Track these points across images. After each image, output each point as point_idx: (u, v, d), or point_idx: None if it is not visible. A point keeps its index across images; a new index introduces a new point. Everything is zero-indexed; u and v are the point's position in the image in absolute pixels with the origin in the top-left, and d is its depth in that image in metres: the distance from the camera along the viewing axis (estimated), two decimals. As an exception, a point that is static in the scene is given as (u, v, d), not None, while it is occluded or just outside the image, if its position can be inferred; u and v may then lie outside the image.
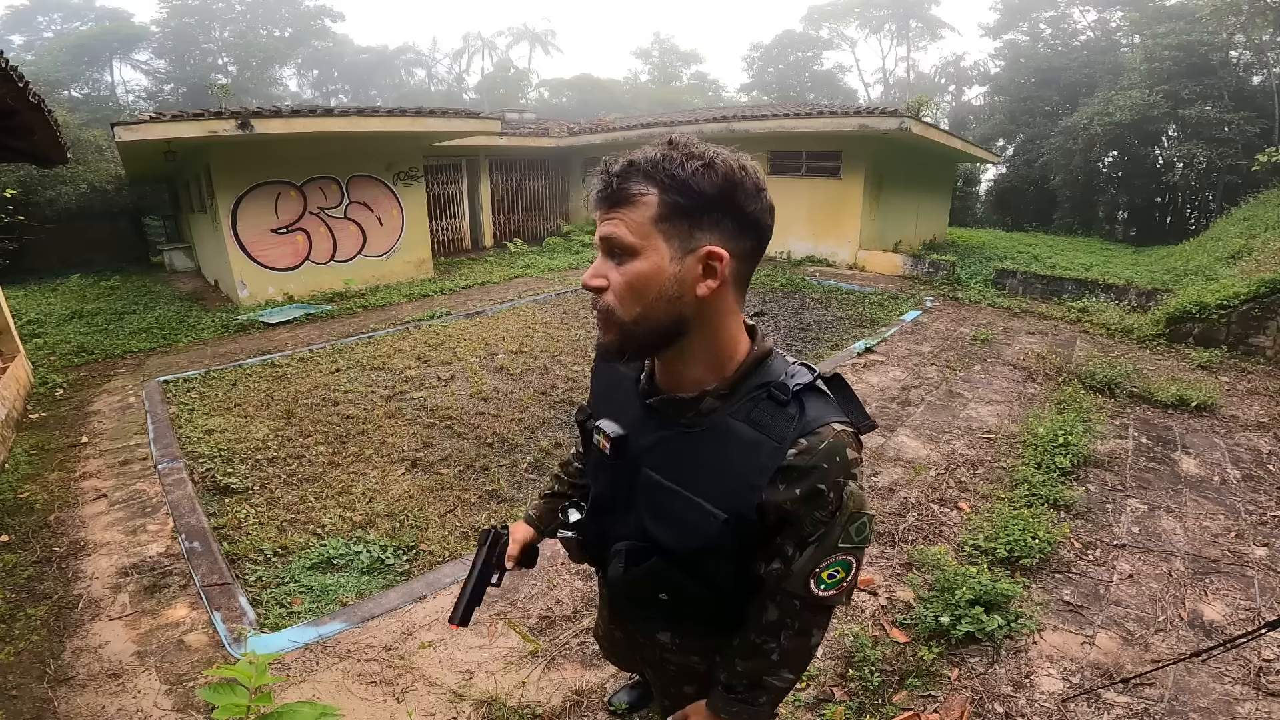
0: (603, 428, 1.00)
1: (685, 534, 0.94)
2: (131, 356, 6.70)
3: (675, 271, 0.83)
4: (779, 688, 1.03)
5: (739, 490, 0.88)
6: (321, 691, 2.21)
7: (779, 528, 0.90)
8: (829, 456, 0.85)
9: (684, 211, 0.82)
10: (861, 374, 5.59)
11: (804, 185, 11.66)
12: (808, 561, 0.90)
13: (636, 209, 0.82)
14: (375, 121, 8.63)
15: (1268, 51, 18.14)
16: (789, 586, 0.92)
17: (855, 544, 0.91)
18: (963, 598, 2.49)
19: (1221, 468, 3.95)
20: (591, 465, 1.11)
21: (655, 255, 0.82)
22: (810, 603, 0.94)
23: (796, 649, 0.99)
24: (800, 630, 0.98)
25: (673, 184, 0.81)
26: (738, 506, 0.88)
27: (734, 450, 0.89)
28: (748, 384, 0.91)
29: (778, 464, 0.86)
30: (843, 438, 0.86)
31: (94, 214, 13.77)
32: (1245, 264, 9.29)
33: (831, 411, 0.88)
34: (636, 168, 0.82)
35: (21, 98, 3.97)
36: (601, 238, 0.85)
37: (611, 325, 0.87)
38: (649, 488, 0.97)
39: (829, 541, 0.89)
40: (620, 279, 0.84)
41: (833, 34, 38.98)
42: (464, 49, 41.96)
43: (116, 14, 31.71)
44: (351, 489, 3.71)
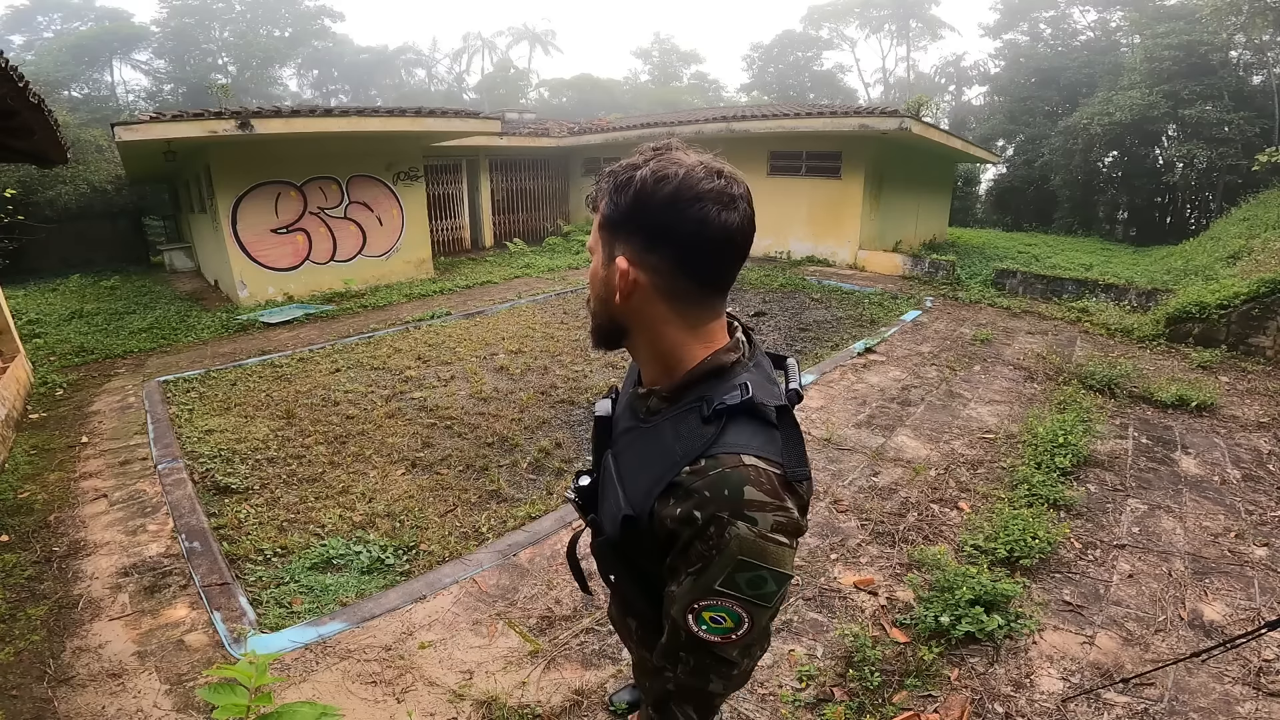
0: (595, 406, 1.12)
1: (609, 521, 0.99)
2: (131, 356, 6.70)
3: (604, 276, 0.89)
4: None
5: (642, 492, 0.88)
6: (321, 691, 2.21)
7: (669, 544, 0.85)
8: (715, 486, 0.78)
9: (610, 223, 0.87)
10: (861, 374, 5.59)
11: (804, 185, 11.66)
12: (686, 594, 0.83)
13: (597, 214, 0.90)
14: (375, 121, 8.63)
15: (1268, 51, 18.15)
16: (673, 613, 0.86)
17: (745, 596, 0.80)
18: (963, 598, 2.49)
19: (1221, 468, 3.95)
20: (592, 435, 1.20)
21: (596, 259, 0.92)
22: (694, 641, 0.85)
23: (693, 689, 0.91)
24: (695, 669, 0.89)
25: (606, 196, 0.87)
26: (636, 508, 0.89)
27: (655, 454, 0.89)
28: (692, 393, 0.89)
29: (671, 477, 0.83)
30: (748, 473, 0.77)
31: (94, 214, 13.78)
32: (1245, 264, 9.29)
33: (755, 443, 0.80)
34: (607, 176, 0.89)
35: (21, 98, 3.97)
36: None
37: (592, 317, 0.97)
38: (605, 470, 1.05)
39: (705, 580, 0.80)
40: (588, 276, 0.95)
41: (833, 34, 39.01)
42: (464, 49, 42.01)
43: (116, 14, 31.71)
44: (351, 489, 3.71)
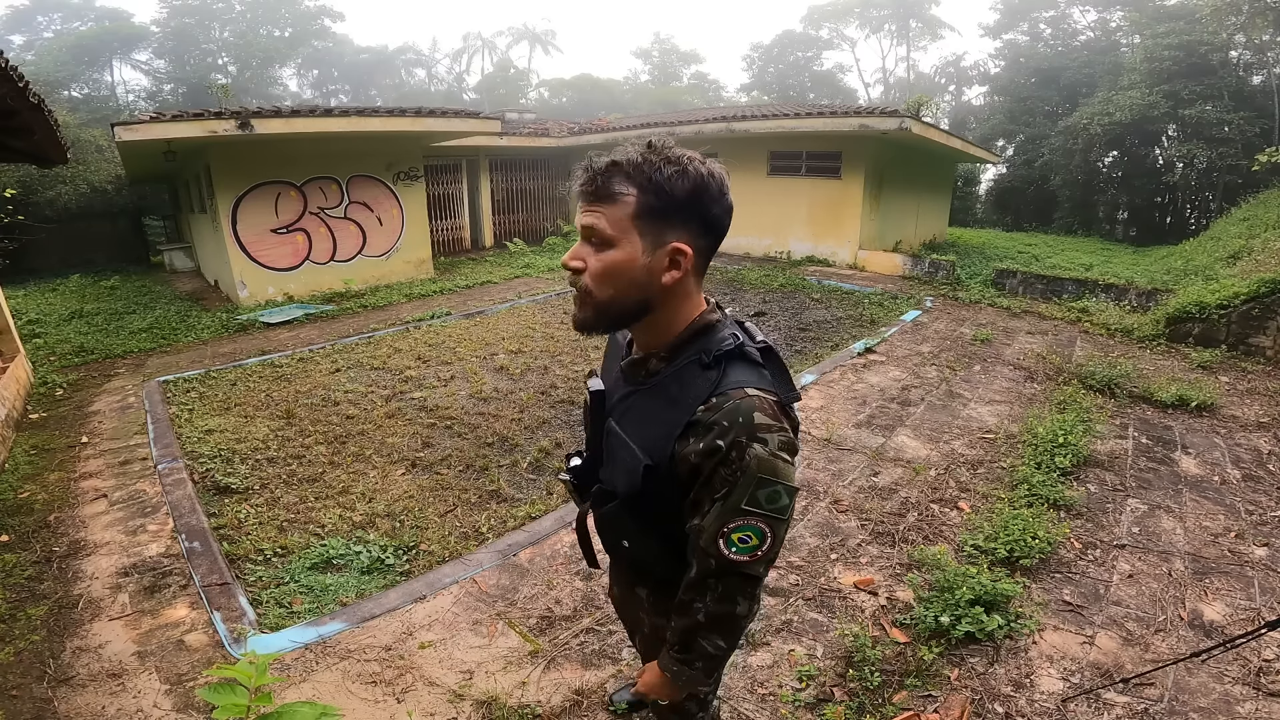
0: (588, 384, 1.16)
1: (625, 477, 1.05)
2: (131, 356, 6.69)
3: (646, 263, 0.95)
4: (711, 654, 1.07)
5: (658, 440, 0.99)
6: (321, 691, 2.21)
7: (691, 481, 0.97)
8: (731, 415, 0.91)
9: (657, 211, 0.93)
10: (861, 374, 5.59)
11: (804, 185, 11.66)
12: (715, 519, 0.95)
13: (617, 206, 0.93)
14: (375, 121, 8.63)
15: (1268, 51, 18.14)
16: (702, 544, 0.98)
17: (765, 511, 0.93)
18: (963, 598, 2.49)
19: (1221, 468, 3.95)
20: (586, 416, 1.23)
21: (630, 248, 0.94)
22: (724, 565, 0.97)
23: (722, 615, 1.02)
24: (723, 595, 1.01)
25: (650, 186, 0.92)
26: (655, 455, 0.99)
27: (663, 405, 1.00)
28: (688, 349, 1.01)
29: (687, 418, 0.95)
30: (753, 402, 0.92)
31: (94, 214, 13.77)
32: (1245, 264, 9.29)
33: (752, 378, 0.96)
34: (619, 168, 0.93)
35: (21, 98, 3.96)
36: (583, 226, 0.96)
37: (587, 304, 0.99)
38: (609, 436, 1.10)
39: (732, 501, 0.93)
40: (598, 265, 0.96)
41: (833, 34, 38.98)
42: (464, 49, 41.99)
43: (116, 14, 31.69)
44: (351, 489, 3.71)
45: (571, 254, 0.99)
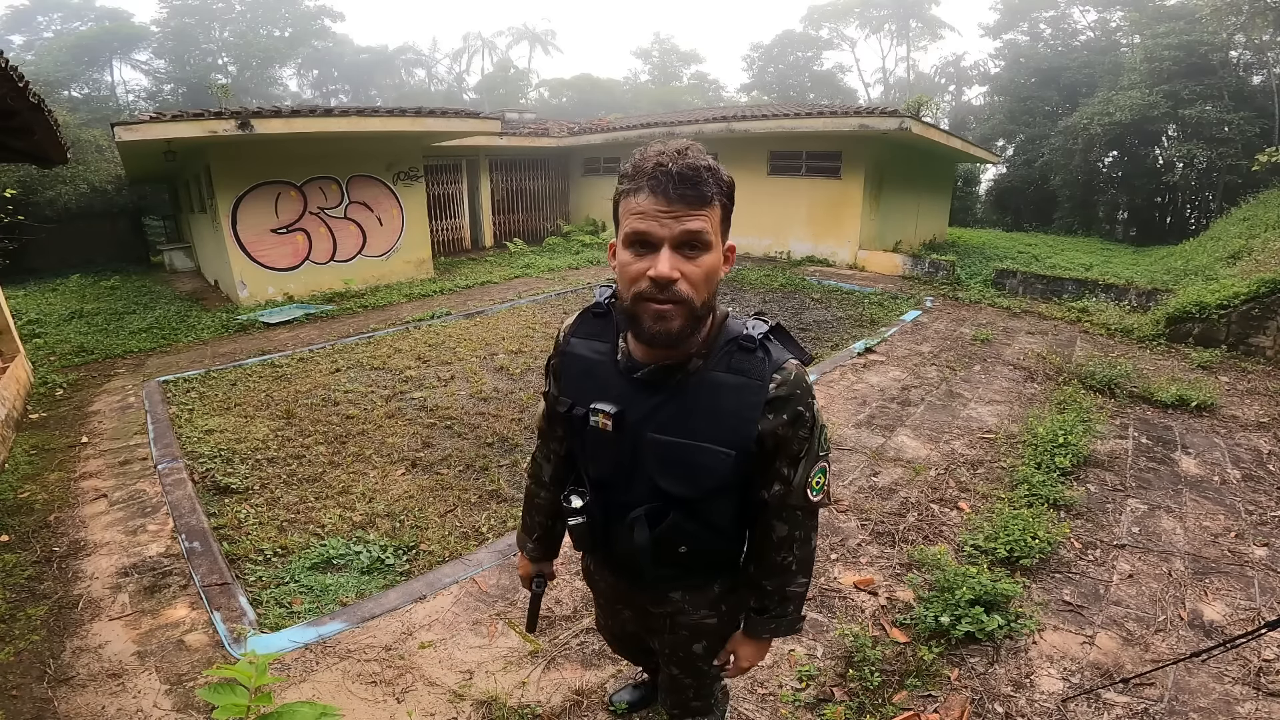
0: (600, 408, 1.10)
1: (702, 478, 1.07)
2: (131, 356, 6.70)
3: (720, 263, 1.01)
4: (799, 594, 1.22)
5: (738, 426, 1.04)
6: (321, 691, 2.21)
7: (774, 454, 1.08)
8: (799, 384, 1.05)
9: (729, 214, 1.01)
10: (861, 374, 5.59)
11: (804, 185, 11.66)
12: (803, 474, 1.09)
13: (713, 210, 0.96)
14: (375, 121, 8.63)
15: (1268, 51, 18.13)
16: (793, 501, 1.11)
17: (827, 450, 1.13)
18: (963, 598, 2.49)
19: (1221, 468, 3.95)
20: (589, 447, 1.17)
21: (718, 250, 0.99)
22: (809, 509, 1.14)
23: (806, 555, 1.19)
24: (804, 538, 1.17)
25: (725, 190, 0.98)
26: (741, 441, 1.04)
27: (726, 396, 1.04)
28: (719, 342, 1.06)
29: (764, 398, 1.03)
30: (799, 368, 1.06)
31: (94, 214, 13.77)
32: (1245, 264, 9.29)
33: (788, 351, 1.08)
34: (711, 173, 0.95)
35: (21, 98, 3.96)
36: (687, 232, 0.94)
37: (680, 312, 0.97)
38: (658, 448, 1.08)
39: (812, 452, 1.09)
40: (699, 271, 0.96)
41: (833, 34, 38.98)
42: (464, 49, 42.00)
43: (116, 14, 31.67)
44: (351, 489, 3.71)
45: (670, 263, 0.94)
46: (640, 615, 1.38)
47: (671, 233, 0.93)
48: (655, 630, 1.37)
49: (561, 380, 1.22)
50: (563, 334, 1.23)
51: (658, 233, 0.93)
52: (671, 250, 0.94)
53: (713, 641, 1.31)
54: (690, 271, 0.95)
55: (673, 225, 0.93)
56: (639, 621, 1.41)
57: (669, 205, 0.92)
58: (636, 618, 1.40)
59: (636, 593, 1.32)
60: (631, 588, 1.31)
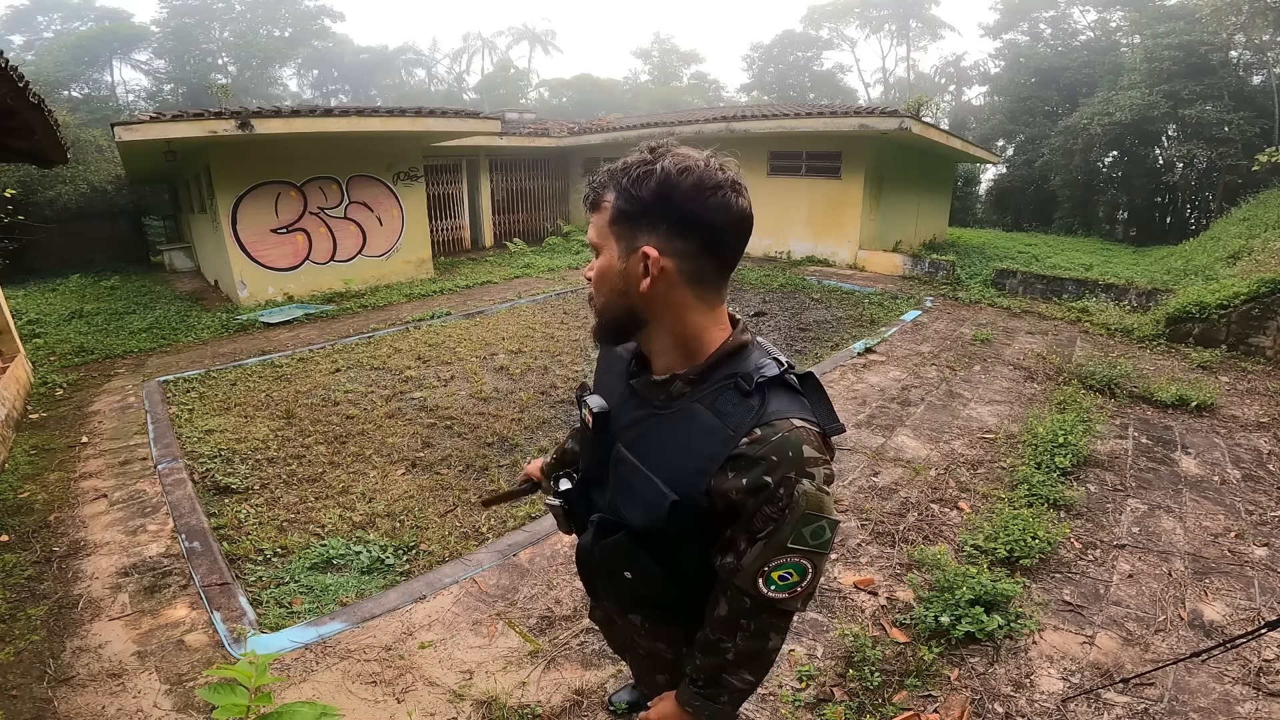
0: (588, 402, 1.07)
1: (640, 510, 0.96)
2: (131, 356, 6.69)
3: (622, 269, 0.91)
4: (739, 688, 1.02)
5: (690, 473, 0.90)
6: (321, 691, 2.21)
7: (728, 518, 0.90)
8: (780, 449, 0.84)
9: (627, 216, 0.89)
10: (861, 374, 5.59)
11: (804, 185, 11.66)
12: (756, 559, 0.88)
13: (601, 213, 0.92)
14: (375, 121, 8.63)
15: (1268, 51, 18.13)
16: (738, 583, 0.91)
17: (810, 548, 0.88)
18: (963, 598, 2.49)
19: (1221, 468, 3.95)
20: (580, 438, 1.18)
21: (609, 254, 0.93)
22: (761, 603, 0.92)
23: (754, 651, 0.98)
24: (756, 632, 0.96)
25: (620, 190, 0.89)
26: (687, 489, 0.90)
27: (694, 434, 0.91)
28: (719, 373, 0.93)
29: (729, 451, 0.86)
30: (800, 434, 0.86)
31: (94, 214, 13.77)
32: (1245, 264, 9.29)
33: (795, 408, 0.89)
34: (609, 175, 0.91)
35: (21, 98, 3.96)
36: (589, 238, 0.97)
37: (594, 312, 0.99)
38: (620, 463, 1.01)
39: (778, 540, 0.87)
40: (592, 273, 0.97)
41: (833, 34, 38.98)
42: (464, 49, 42.01)
43: (116, 14, 31.68)
44: (351, 489, 3.71)
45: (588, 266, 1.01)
46: (609, 623, 1.30)
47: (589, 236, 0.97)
48: (624, 645, 1.30)
49: (596, 368, 1.24)
50: None
51: None
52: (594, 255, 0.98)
53: (674, 676, 1.14)
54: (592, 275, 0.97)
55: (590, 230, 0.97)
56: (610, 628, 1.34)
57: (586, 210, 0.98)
58: (607, 622, 1.32)
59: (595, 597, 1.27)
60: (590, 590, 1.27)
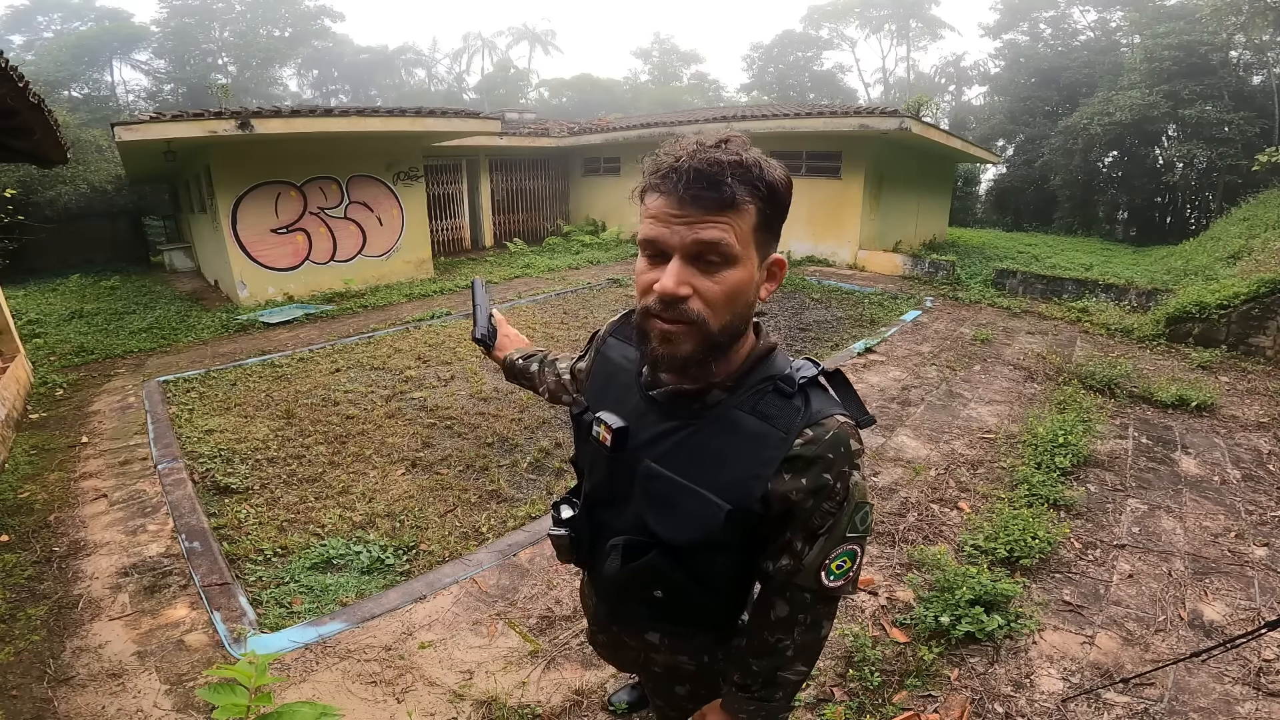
0: (604, 419, 0.96)
1: (687, 526, 0.92)
2: (131, 356, 6.70)
3: (759, 280, 0.86)
4: (793, 681, 1.01)
5: (744, 480, 0.87)
6: (321, 691, 2.21)
7: (784, 520, 0.89)
8: (835, 446, 0.86)
9: (772, 222, 0.83)
10: (861, 374, 5.59)
11: (804, 185, 11.64)
12: (818, 554, 0.90)
13: (742, 217, 0.79)
14: (375, 121, 8.63)
15: (1268, 51, 18.14)
16: (801, 581, 0.92)
17: (860, 533, 0.91)
18: (963, 598, 2.49)
19: (1221, 468, 3.95)
20: (588, 458, 1.05)
21: (750, 264, 0.82)
22: (821, 595, 0.93)
23: (809, 642, 0.99)
24: (812, 624, 0.97)
25: (769, 193, 0.81)
26: (742, 498, 0.87)
27: (740, 441, 0.88)
28: (753, 377, 0.91)
29: (784, 454, 0.86)
30: (846, 429, 0.87)
31: (94, 214, 13.77)
32: (1245, 264, 9.29)
33: (834, 404, 0.90)
34: (741, 170, 0.79)
35: (21, 98, 3.96)
36: (700, 242, 0.78)
37: (694, 335, 0.82)
38: (650, 479, 0.94)
39: (838, 532, 0.89)
40: (718, 289, 0.80)
41: (833, 34, 38.98)
42: (464, 49, 42.02)
43: (116, 14, 31.67)
44: (351, 489, 3.71)
45: (676, 278, 0.79)
46: (615, 644, 1.26)
47: (683, 241, 0.78)
48: (634, 662, 1.25)
49: (588, 380, 1.13)
50: (603, 331, 1.14)
51: (668, 240, 0.79)
52: (684, 262, 0.79)
53: (695, 686, 1.14)
54: (707, 288, 0.80)
55: (684, 232, 0.78)
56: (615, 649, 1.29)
57: (680, 208, 0.78)
58: (610, 644, 1.28)
59: (612, 621, 1.20)
60: (608, 615, 1.20)
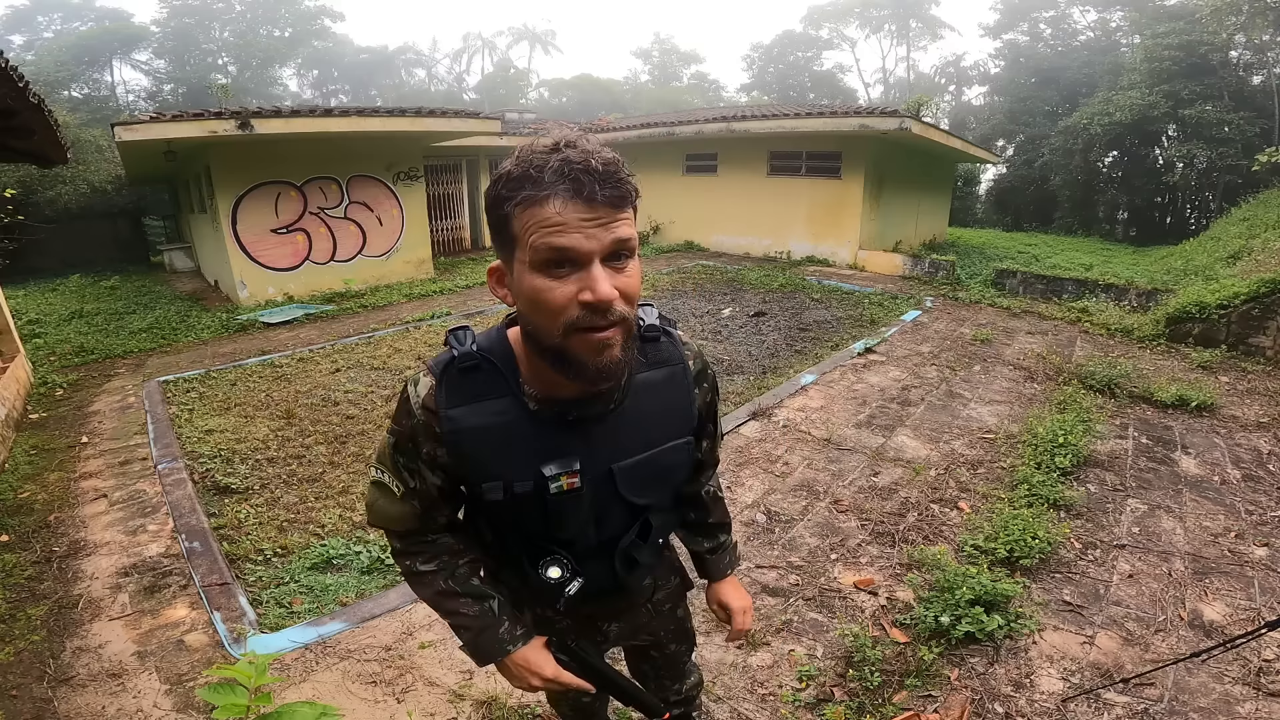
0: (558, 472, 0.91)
1: (674, 476, 1.08)
2: (131, 356, 6.69)
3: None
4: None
5: (684, 410, 1.05)
6: (321, 691, 2.21)
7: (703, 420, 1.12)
8: (701, 355, 1.10)
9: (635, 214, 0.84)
10: (861, 374, 5.59)
11: (804, 185, 11.66)
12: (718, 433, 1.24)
13: (633, 210, 0.80)
14: (375, 121, 8.63)
15: (1268, 51, 18.14)
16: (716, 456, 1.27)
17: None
18: (963, 598, 2.49)
19: (1221, 468, 3.95)
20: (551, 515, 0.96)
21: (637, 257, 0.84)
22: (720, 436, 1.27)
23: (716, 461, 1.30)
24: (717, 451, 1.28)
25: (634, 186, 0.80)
26: (688, 424, 1.06)
27: (661, 391, 1.01)
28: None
29: (691, 375, 1.05)
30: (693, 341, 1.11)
31: (94, 214, 13.77)
32: (1245, 264, 9.29)
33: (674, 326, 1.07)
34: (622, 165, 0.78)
35: (21, 98, 3.96)
36: (618, 240, 0.76)
37: (623, 334, 0.81)
38: (627, 473, 0.98)
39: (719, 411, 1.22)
40: (631, 281, 0.80)
41: (833, 34, 38.98)
42: (464, 49, 42.04)
43: (116, 14, 31.68)
44: (352, 489, 3.71)
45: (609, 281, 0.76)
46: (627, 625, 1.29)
47: (602, 244, 0.75)
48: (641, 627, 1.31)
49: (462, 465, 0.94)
50: (422, 410, 0.92)
51: (584, 246, 0.74)
52: (601, 263, 0.76)
53: (680, 601, 1.37)
54: (624, 284, 0.78)
55: (601, 235, 0.74)
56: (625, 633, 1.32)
57: (592, 211, 0.74)
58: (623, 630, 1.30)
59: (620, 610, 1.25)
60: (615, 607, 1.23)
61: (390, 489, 0.99)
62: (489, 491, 0.93)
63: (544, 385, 0.90)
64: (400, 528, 1.03)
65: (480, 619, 1.04)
